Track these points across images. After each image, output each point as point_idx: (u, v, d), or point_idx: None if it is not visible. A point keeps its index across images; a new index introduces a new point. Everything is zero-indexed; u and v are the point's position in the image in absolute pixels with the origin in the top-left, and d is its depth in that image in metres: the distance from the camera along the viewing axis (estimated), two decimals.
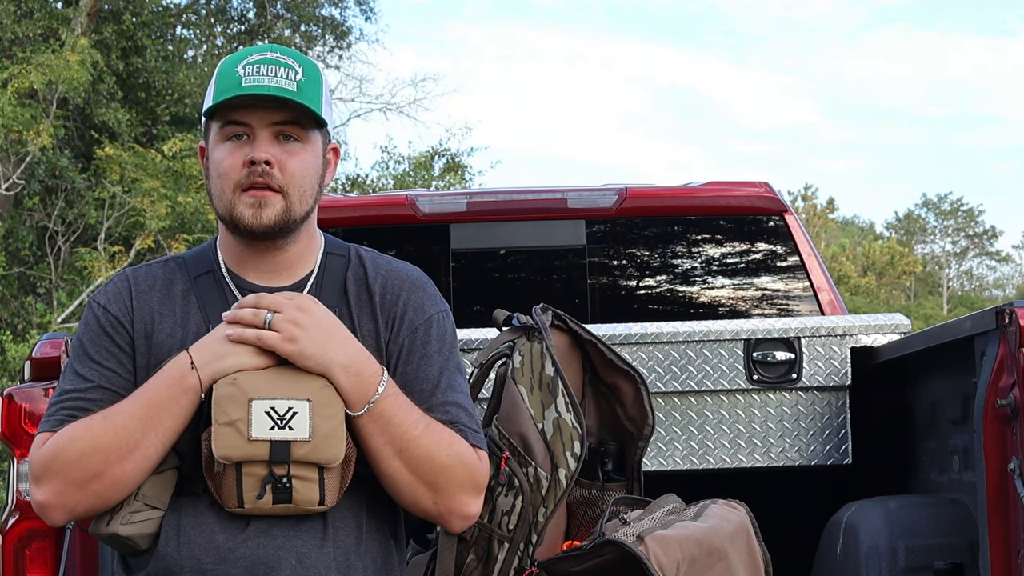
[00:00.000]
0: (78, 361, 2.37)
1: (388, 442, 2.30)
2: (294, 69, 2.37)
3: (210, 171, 2.39)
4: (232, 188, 2.35)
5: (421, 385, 2.39)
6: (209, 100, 2.38)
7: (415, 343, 2.42)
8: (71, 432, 2.27)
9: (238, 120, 2.35)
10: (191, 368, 2.26)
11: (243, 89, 2.33)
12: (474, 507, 2.40)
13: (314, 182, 2.40)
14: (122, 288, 2.42)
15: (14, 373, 15.75)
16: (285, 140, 2.36)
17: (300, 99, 2.34)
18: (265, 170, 2.33)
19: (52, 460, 2.26)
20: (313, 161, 2.40)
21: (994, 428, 2.99)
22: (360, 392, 2.29)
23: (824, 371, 3.67)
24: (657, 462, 3.66)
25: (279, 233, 2.38)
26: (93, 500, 2.27)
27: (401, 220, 4.65)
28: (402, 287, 2.46)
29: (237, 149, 2.35)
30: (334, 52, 23.56)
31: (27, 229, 17.81)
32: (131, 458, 2.24)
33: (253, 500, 2.24)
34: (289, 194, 2.36)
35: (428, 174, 24.99)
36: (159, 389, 2.27)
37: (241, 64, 2.36)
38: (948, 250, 64.49)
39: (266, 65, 2.35)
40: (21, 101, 16.49)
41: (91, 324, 2.39)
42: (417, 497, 2.35)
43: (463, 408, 2.41)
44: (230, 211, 2.36)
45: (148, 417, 2.25)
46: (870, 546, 3.29)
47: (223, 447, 2.21)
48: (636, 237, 4.74)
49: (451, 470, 2.34)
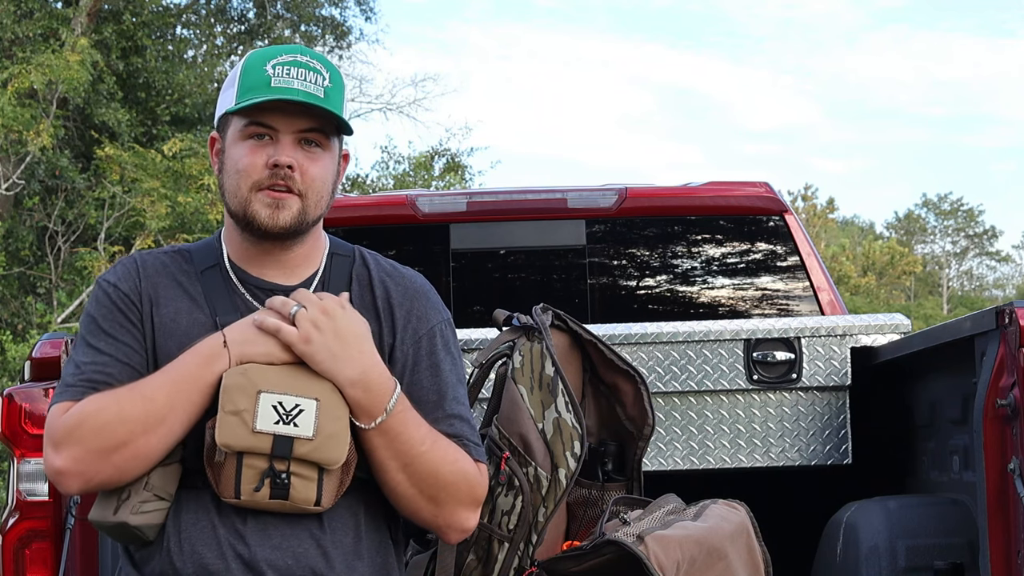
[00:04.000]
0: (92, 336, 2.36)
1: (393, 456, 2.31)
2: (322, 75, 2.37)
3: (226, 165, 2.39)
4: (249, 187, 2.35)
5: (425, 396, 2.39)
6: (233, 95, 2.37)
7: (420, 353, 2.42)
8: (98, 401, 2.26)
9: (264, 122, 2.35)
10: (223, 347, 2.27)
11: (272, 91, 2.33)
12: (472, 521, 2.41)
13: (330, 187, 2.42)
14: (131, 268, 2.42)
15: (14, 373, 15.75)
16: (307, 145, 2.37)
17: (327, 106, 2.35)
18: (288, 173, 2.34)
19: (76, 427, 2.25)
20: (332, 167, 2.41)
21: (994, 428, 2.99)
22: (368, 406, 2.29)
23: (824, 371, 3.67)
24: (657, 462, 3.66)
25: (292, 235, 2.39)
26: (112, 471, 2.26)
27: (401, 220, 4.65)
28: (405, 294, 2.46)
29: (259, 148, 2.35)
30: (334, 52, 23.56)
31: (27, 229, 17.81)
32: (156, 431, 2.24)
33: (250, 492, 2.24)
34: (307, 198, 2.36)
35: (428, 174, 24.99)
36: (189, 365, 2.27)
37: (270, 63, 2.36)
38: (948, 250, 64.51)
39: (296, 68, 2.35)
40: (21, 101, 16.49)
41: (102, 300, 2.39)
42: (417, 508, 2.36)
43: (467, 421, 2.43)
44: (244, 208, 2.36)
45: (177, 392, 2.25)
46: (870, 546, 3.29)
47: (226, 435, 2.21)
48: (636, 237, 4.74)
49: (454, 486, 2.35)
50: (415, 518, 2.38)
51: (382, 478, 2.33)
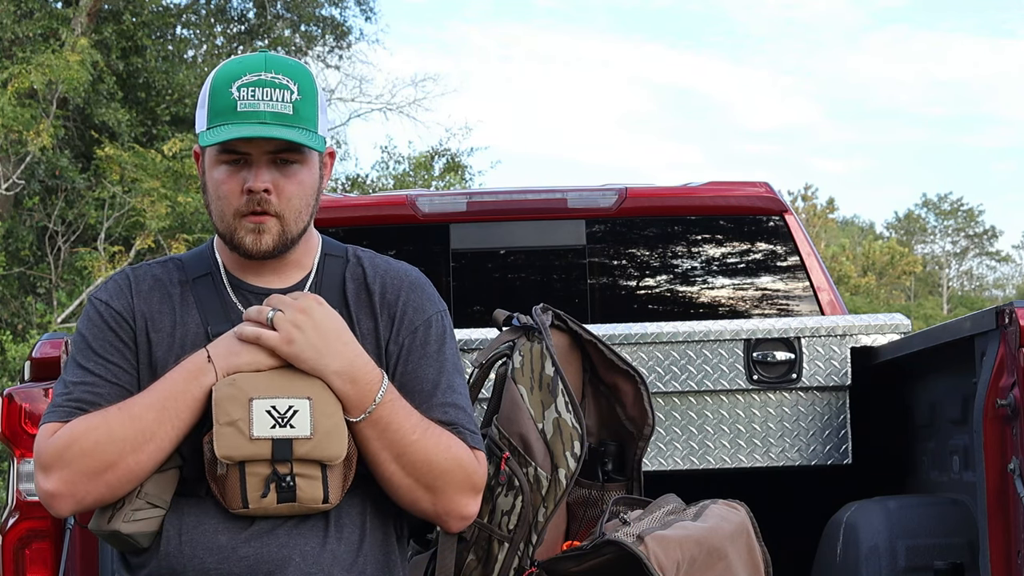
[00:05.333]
0: (82, 356, 2.37)
1: (385, 447, 2.31)
2: (289, 89, 2.35)
3: (208, 187, 2.40)
4: (232, 214, 2.36)
5: (420, 385, 2.40)
6: (203, 120, 2.36)
7: (414, 343, 2.42)
8: (86, 422, 2.27)
9: (235, 148, 2.35)
10: (208, 361, 2.28)
11: (239, 116, 2.31)
12: (472, 507, 2.41)
13: (310, 200, 2.41)
14: (123, 285, 2.43)
15: (14, 373, 15.75)
16: (283, 164, 2.36)
17: (297, 122, 2.34)
18: (263, 198, 2.34)
19: (65, 449, 2.26)
20: (310, 180, 2.40)
21: (994, 428, 2.99)
22: (356, 398, 2.29)
23: (824, 371, 3.67)
24: (657, 462, 3.66)
25: (277, 254, 2.40)
26: (103, 491, 2.27)
27: (401, 220, 4.65)
28: (401, 287, 2.46)
29: (235, 173, 2.35)
30: (334, 52, 23.57)
31: (27, 229, 17.81)
32: (145, 449, 2.25)
33: (257, 500, 2.24)
34: (285, 218, 2.36)
35: (428, 174, 24.98)
36: (176, 382, 2.28)
37: (235, 85, 2.34)
38: (948, 250, 64.51)
39: (261, 88, 2.33)
40: (21, 101, 16.49)
41: (94, 319, 2.39)
42: (415, 499, 2.36)
43: (461, 409, 2.42)
44: (231, 235, 2.37)
45: (164, 408, 2.26)
46: (870, 546, 3.29)
47: (225, 447, 2.22)
48: (636, 237, 4.74)
49: (449, 473, 2.35)
50: (415, 509, 2.38)
51: (377, 471, 2.33)
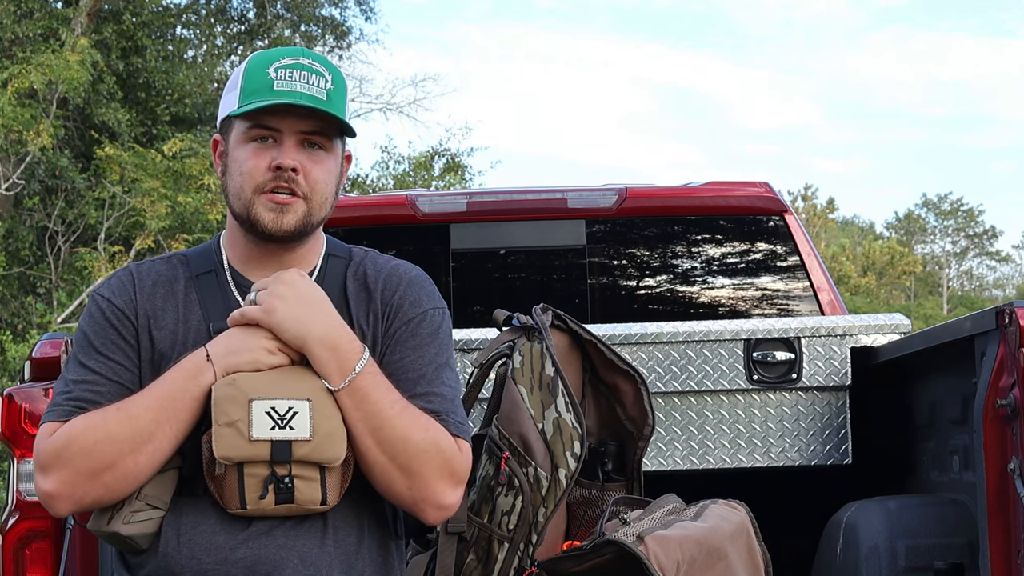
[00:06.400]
0: (83, 353, 2.36)
1: (362, 419, 2.28)
2: (324, 77, 2.38)
3: (229, 168, 2.40)
4: (253, 189, 2.36)
5: (406, 374, 2.37)
6: (235, 98, 2.38)
7: (405, 333, 2.41)
8: (84, 421, 2.27)
9: (267, 124, 2.36)
10: (207, 361, 2.28)
11: (275, 94, 2.34)
12: (450, 497, 2.34)
13: (334, 189, 2.43)
14: (126, 281, 2.42)
15: (14, 373, 15.75)
16: (310, 148, 2.38)
17: (330, 109, 2.36)
18: (291, 176, 2.35)
19: (63, 449, 2.25)
20: (335, 169, 2.42)
21: (994, 428, 2.99)
22: (337, 366, 2.28)
23: (824, 371, 3.67)
24: (657, 462, 3.67)
25: (296, 237, 2.39)
26: (102, 491, 2.26)
27: (401, 220, 4.66)
28: (400, 283, 2.46)
29: (263, 151, 2.36)
30: (334, 52, 23.56)
31: (27, 229, 17.81)
32: (144, 450, 2.25)
33: (255, 501, 2.24)
34: (312, 200, 2.37)
35: (428, 174, 25.00)
36: (175, 382, 2.27)
37: (273, 66, 2.37)
38: (948, 250, 64.51)
39: (298, 71, 2.36)
40: (21, 101, 16.49)
41: (96, 316, 2.39)
42: (390, 480, 2.31)
43: (447, 399, 2.38)
44: (248, 211, 2.36)
45: (163, 409, 2.26)
46: (870, 546, 3.29)
47: (224, 448, 2.21)
48: (636, 237, 4.75)
49: (425, 455, 2.30)
50: (390, 493, 2.33)
51: (354, 447, 2.30)
